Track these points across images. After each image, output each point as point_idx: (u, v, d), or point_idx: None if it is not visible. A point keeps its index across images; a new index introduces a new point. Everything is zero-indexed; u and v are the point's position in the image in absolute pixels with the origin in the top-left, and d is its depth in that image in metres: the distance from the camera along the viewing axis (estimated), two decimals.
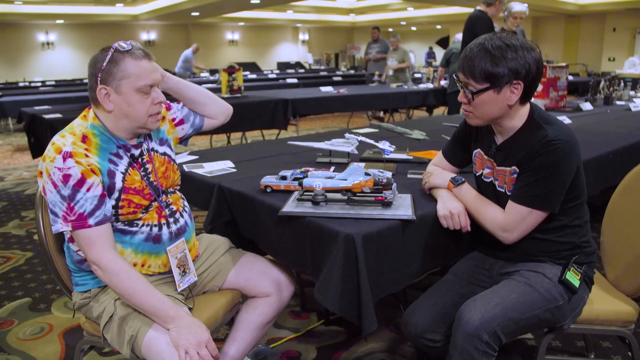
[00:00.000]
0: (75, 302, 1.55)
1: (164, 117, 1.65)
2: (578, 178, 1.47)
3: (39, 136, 4.27)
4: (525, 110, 1.49)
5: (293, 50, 21.85)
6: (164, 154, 1.60)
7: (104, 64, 1.38)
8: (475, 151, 1.66)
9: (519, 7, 4.62)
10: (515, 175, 1.48)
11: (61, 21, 16.14)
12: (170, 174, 1.59)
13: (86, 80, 1.47)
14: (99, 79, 1.39)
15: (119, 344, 1.41)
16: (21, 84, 12.39)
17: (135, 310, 1.41)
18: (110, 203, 1.40)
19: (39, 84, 11.94)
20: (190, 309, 1.51)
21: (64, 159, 1.33)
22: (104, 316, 1.44)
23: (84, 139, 1.40)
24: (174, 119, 1.69)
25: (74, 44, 16.96)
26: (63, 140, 1.38)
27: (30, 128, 4.45)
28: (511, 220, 1.46)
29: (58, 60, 16.70)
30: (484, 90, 1.42)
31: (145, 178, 1.49)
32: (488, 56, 1.39)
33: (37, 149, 4.35)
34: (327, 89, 6.64)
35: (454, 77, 1.51)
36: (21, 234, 3.72)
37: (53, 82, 12.38)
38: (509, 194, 1.50)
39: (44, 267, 3.07)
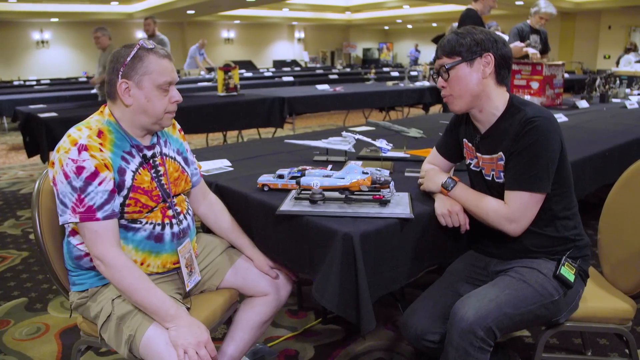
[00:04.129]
0: (72, 301, 1.54)
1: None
2: (563, 160, 1.48)
3: (34, 135, 4.23)
4: (504, 96, 1.52)
5: (289, 48, 21.81)
6: (179, 162, 1.61)
7: (128, 58, 1.41)
8: (463, 140, 1.68)
9: (550, 10, 4.55)
10: (502, 162, 1.49)
11: (56, 19, 16.05)
12: (181, 183, 1.59)
13: (82, 79, 1.47)
14: (120, 72, 1.41)
15: (116, 343, 1.41)
16: (16, 83, 12.34)
17: (133, 310, 1.40)
18: (118, 200, 1.40)
19: (34, 83, 11.88)
20: (188, 308, 1.51)
21: (79, 152, 1.34)
22: (101, 316, 1.43)
23: (100, 134, 1.41)
24: (185, 157, 1.67)
25: (68, 43, 16.88)
26: (79, 133, 1.39)
27: (26, 127, 4.41)
28: (515, 209, 1.45)
29: (53, 59, 16.61)
30: (456, 64, 1.48)
31: (155, 179, 1.49)
32: (455, 35, 1.50)
33: (32, 148, 4.31)
34: (323, 87, 6.63)
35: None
36: (17, 233, 3.70)
37: (48, 81, 12.32)
38: (497, 181, 1.52)
39: (40, 267, 3.05)
